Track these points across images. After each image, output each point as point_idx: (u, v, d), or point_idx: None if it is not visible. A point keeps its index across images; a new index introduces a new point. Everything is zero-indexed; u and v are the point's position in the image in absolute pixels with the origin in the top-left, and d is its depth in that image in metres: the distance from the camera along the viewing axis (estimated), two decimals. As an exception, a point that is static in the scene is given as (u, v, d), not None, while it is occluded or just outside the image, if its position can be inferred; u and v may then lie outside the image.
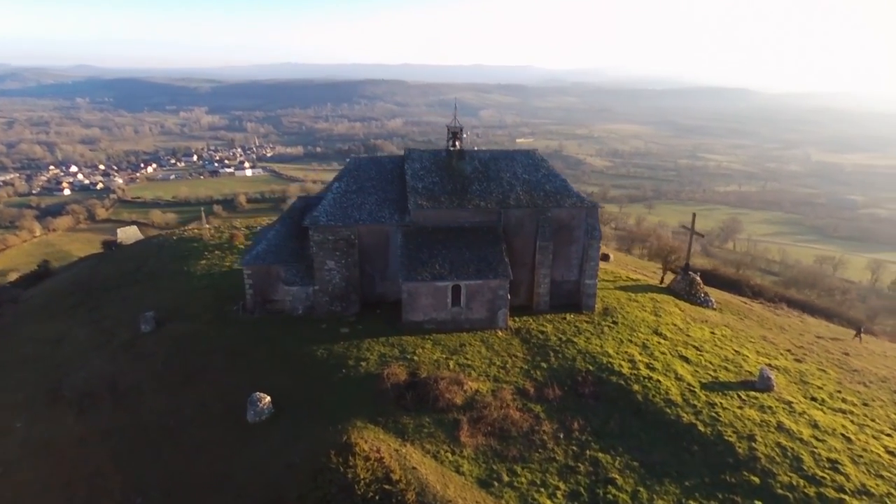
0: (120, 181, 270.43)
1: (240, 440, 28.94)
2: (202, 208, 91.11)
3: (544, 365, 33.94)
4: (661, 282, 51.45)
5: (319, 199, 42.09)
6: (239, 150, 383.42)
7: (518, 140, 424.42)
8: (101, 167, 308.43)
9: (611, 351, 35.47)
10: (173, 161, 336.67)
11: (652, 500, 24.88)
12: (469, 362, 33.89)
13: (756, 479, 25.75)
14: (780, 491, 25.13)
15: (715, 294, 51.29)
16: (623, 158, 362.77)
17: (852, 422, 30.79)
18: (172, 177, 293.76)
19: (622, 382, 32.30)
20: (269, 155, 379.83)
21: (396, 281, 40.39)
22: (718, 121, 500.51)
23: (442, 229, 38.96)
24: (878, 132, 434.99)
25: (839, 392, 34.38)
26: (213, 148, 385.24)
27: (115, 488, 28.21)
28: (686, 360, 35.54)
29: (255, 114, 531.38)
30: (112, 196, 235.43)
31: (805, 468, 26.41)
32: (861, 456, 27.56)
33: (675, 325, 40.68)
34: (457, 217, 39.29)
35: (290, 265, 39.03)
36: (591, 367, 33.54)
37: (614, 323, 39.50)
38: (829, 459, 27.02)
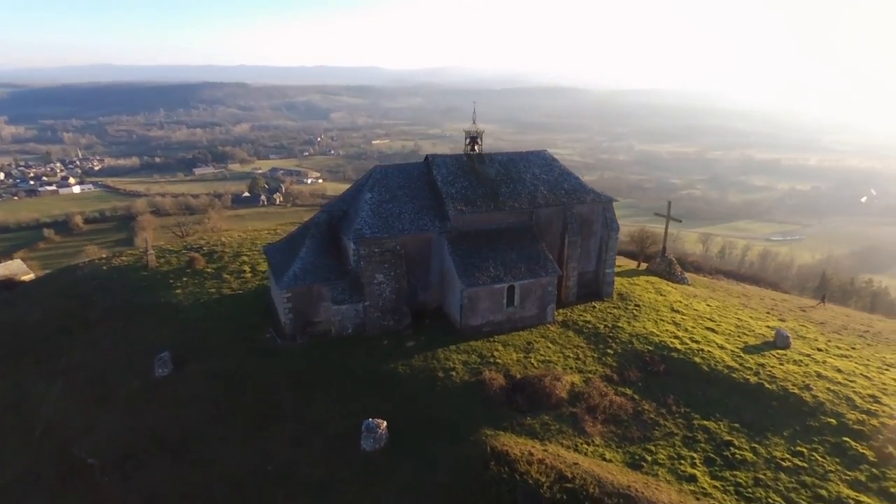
0: None
1: (364, 472, 27.11)
2: (145, 235, 79.79)
3: (610, 351, 36.23)
4: (638, 265, 56.67)
5: (344, 211, 40.05)
6: (58, 164, 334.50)
7: (374, 142, 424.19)
8: None
9: (655, 331, 38.85)
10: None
11: (770, 452, 28.39)
12: (546, 358, 35.01)
13: (833, 421, 30.53)
14: (854, 426, 30.09)
15: (675, 272, 57.67)
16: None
17: (857, 363, 37.50)
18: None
19: (683, 357, 35.74)
20: (97, 168, 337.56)
21: (437, 288, 39.99)
22: (555, 117, 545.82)
23: (481, 233, 39.36)
24: (685, 123, 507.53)
25: (829, 342, 41.45)
26: (23, 163, 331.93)
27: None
28: (713, 330, 40.20)
29: (71, 122, 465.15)
30: None
31: (859, 405, 31.83)
32: (886, 388, 33.88)
33: (679, 301, 45.46)
34: (492, 219, 39.95)
35: (334, 283, 36.71)
36: (650, 348, 36.55)
37: (637, 306, 43.07)
38: (869, 395, 32.82)
